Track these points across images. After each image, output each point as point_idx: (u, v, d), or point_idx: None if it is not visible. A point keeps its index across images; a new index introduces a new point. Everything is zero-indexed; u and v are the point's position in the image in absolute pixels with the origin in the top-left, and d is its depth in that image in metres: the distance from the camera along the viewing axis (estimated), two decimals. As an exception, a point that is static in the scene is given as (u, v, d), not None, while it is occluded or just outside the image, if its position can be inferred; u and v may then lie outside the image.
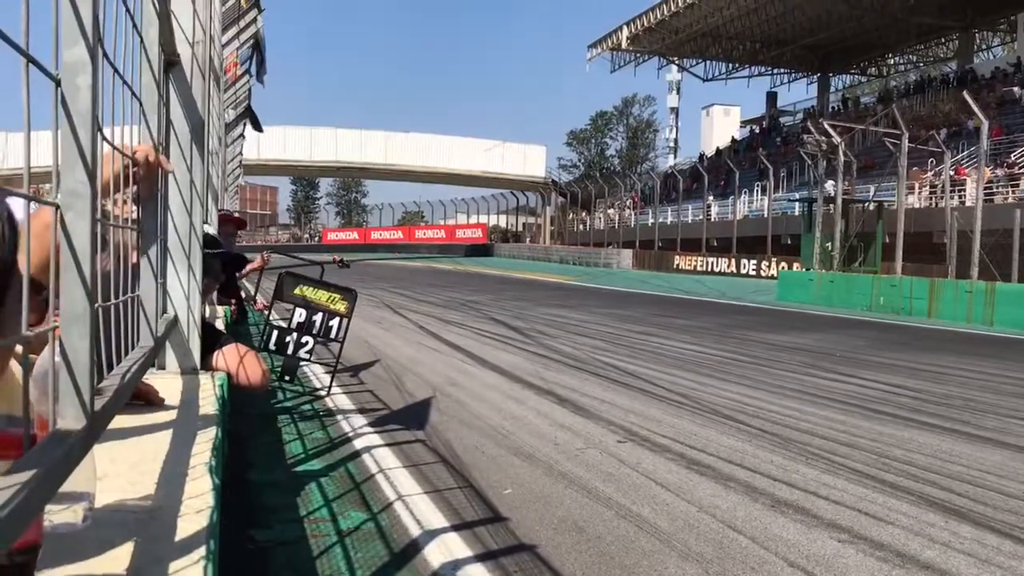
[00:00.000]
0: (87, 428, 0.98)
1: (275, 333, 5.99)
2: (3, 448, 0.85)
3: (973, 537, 3.73)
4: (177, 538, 1.23)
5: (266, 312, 6.92)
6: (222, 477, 1.68)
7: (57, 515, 1.17)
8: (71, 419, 0.97)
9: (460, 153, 61.24)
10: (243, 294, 8.29)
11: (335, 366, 6.55)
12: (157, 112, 2.00)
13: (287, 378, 6.13)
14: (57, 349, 0.98)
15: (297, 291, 6.02)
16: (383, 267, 39.13)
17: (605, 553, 3.45)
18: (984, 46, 49.36)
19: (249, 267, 8.21)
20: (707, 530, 3.75)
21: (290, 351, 5.96)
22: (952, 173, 25.85)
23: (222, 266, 3.70)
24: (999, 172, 27.21)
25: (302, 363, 6.19)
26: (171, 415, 2.07)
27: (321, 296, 6.03)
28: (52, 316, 0.97)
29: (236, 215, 9.43)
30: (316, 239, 70.98)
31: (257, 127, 15.65)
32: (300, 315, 5.99)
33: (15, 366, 1.02)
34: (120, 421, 1.40)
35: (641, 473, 4.68)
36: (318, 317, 6.00)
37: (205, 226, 3.06)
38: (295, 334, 5.98)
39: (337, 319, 6.05)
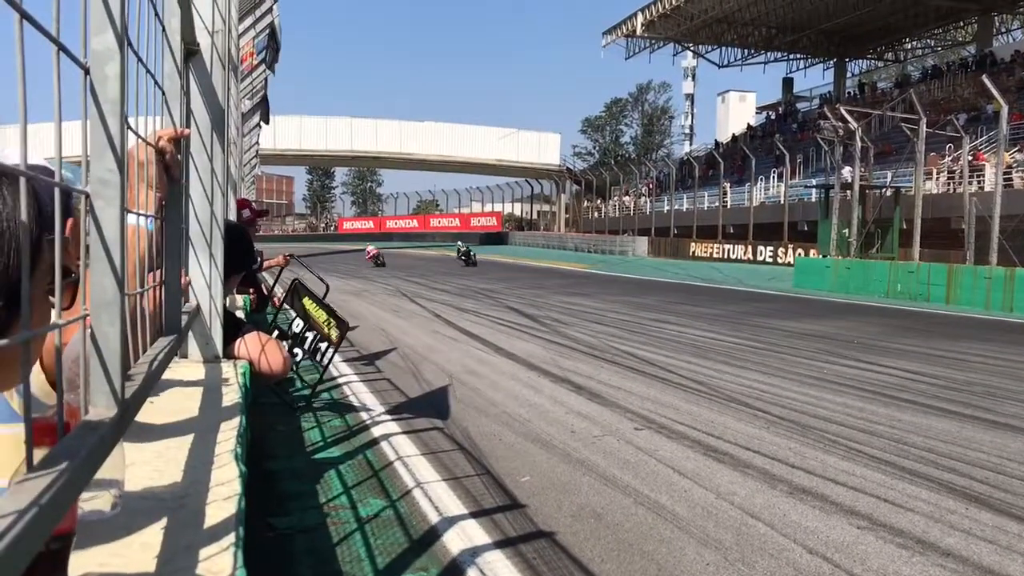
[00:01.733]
0: (118, 415, 0.98)
1: (275, 333, 5.95)
2: (38, 435, 0.86)
3: (994, 524, 3.71)
4: (205, 525, 1.24)
5: (276, 308, 6.91)
6: (247, 464, 1.69)
7: (88, 502, 1.19)
8: (102, 407, 0.98)
9: (474, 141, 61.24)
10: (263, 287, 8.34)
11: (313, 387, 6.13)
12: (179, 101, 2.01)
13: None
14: (87, 337, 0.99)
15: (303, 301, 5.99)
16: (398, 255, 39.21)
17: (624, 540, 3.46)
18: (1003, 29, 48.76)
19: (269, 262, 8.26)
20: (725, 517, 3.75)
21: None
22: (971, 158, 25.59)
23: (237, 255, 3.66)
24: (1018, 156, 26.93)
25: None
26: (195, 404, 2.09)
27: (320, 315, 5.92)
28: (82, 304, 0.97)
29: (254, 205, 9.44)
30: (332, 228, 71.14)
31: (265, 119, 15.65)
32: (298, 326, 5.95)
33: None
34: (145, 410, 1.41)
35: (659, 460, 4.68)
36: (311, 335, 5.92)
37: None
38: (289, 341, 5.90)
39: (325, 343, 5.90)
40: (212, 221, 2.49)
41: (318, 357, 5.88)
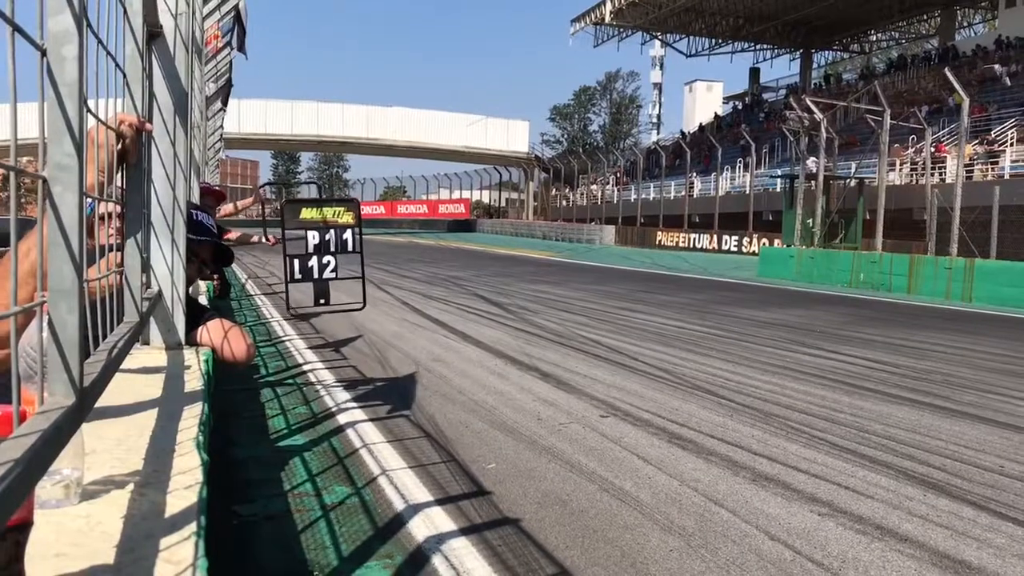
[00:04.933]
0: (77, 404, 0.97)
1: (296, 263, 5.97)
2: (-7, 424, 0.85)
3: (950, 510, 3.78)
4: (167, 514, 1.22)
5: (280, 246, 6.92)
6: (209, 453, 1.68)
7: (46, 492, 1.17)
8: (60, 395, 0.96)
9: (443, 128, 60.91)
10: (258, 237, 8.32)
11: (363, 281, 6.63)
12: (141, 85, 1.98)
13: (322, 300, 6.11)
14: (45, 324, 0.97)
15: (302, 216, 6.02)
16: (365, 242, 38.96)
17: (588, 527, 3.48)
18: (966, 23, 49.47)
19: (243, 203, 8.19)
20: (689, 503, 3.78)
21: (316, 275, 5.96)
22: (933, 150, 26.00)
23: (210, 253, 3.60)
24: (979, 149, 27.35)
25: (320, 303, 6.14)
26: (157, 391, 2.06)
27: (326, 213, 6.02)
28: (40, 292, 0.96)
29: (216, 188, 9.34)
30: (297, 213, 70.44)
31: (223, 102, 15.50)
32: (314, 237, 5.98)
33: None
34: (105, 396, 1.39)
35: (623, 447, 4.71)
36: (331, 235, 6.00)
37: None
38: (315, 257, 5.98)
39: (349, 231, 6.05)
40: (175, 206, 2.45)
41: (350, 247, 5.98)
